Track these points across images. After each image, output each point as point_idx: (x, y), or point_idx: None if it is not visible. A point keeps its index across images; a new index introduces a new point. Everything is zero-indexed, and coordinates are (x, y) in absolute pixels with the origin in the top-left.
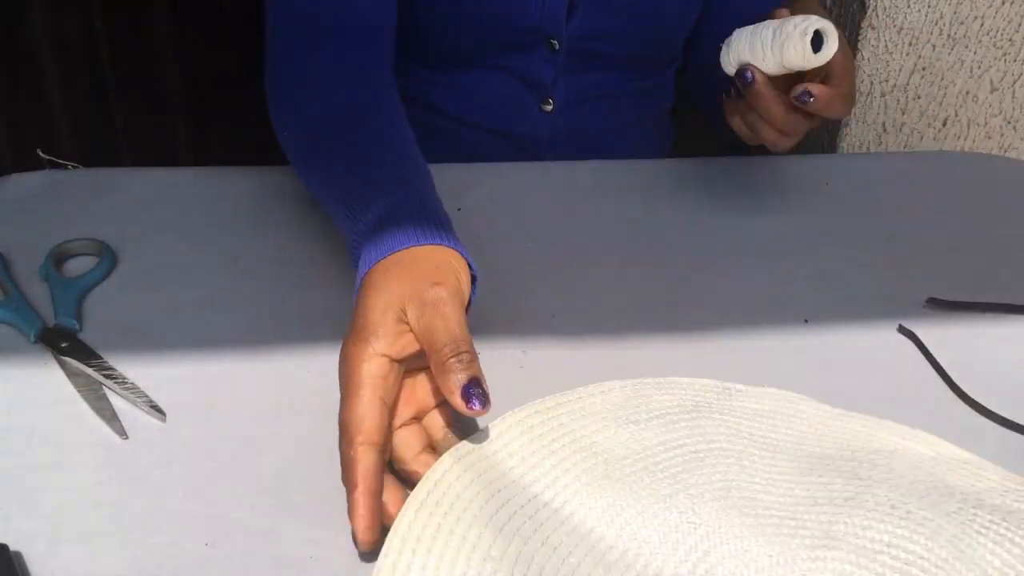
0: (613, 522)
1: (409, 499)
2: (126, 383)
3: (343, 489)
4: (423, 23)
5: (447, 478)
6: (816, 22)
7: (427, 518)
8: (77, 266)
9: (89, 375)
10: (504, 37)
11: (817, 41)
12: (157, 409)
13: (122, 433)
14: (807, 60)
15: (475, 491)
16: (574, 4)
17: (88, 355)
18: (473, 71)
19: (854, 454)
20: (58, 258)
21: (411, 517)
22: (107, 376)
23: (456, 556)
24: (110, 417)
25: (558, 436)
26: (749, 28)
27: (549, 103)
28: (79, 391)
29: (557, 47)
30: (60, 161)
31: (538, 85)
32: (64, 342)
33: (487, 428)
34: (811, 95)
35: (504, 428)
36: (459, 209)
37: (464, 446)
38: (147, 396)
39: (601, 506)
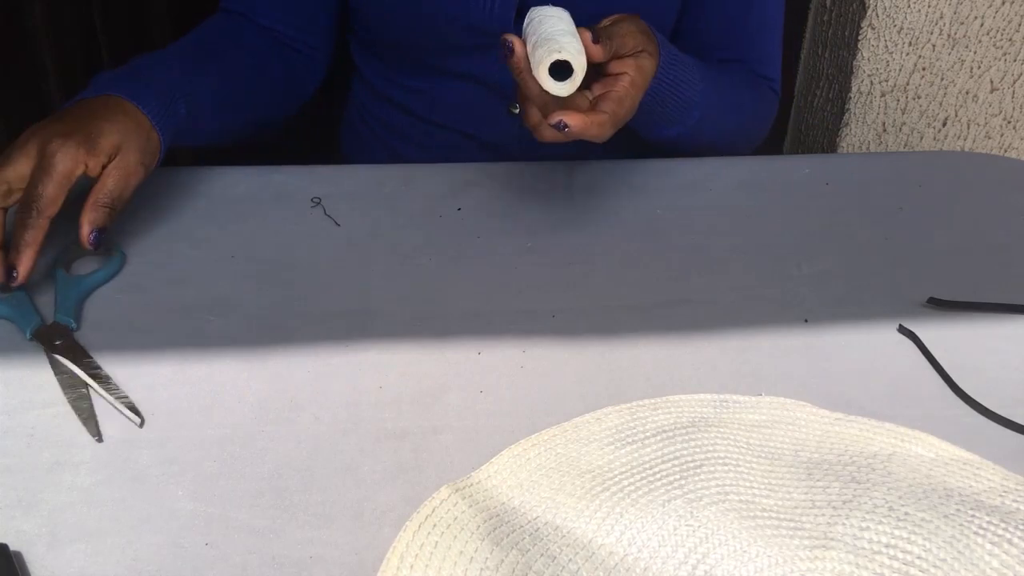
0: (612, 529)
1: (408, 522)
2: (110, 384)
3: (343, 489)
4: (382, 27)
5: (445, 505)
6: (559, 53)
7: (425, 537)
8: (89, 265)
9: (75, 374)
10: (458, 38)
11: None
12: (135, 411)
13: (97, 435)
14: (550, 88)
15: (473, 514)
16: (526, 8)
17: (79, 354)
18: (441, 76)
19: (852, 459)
20: (69, 257)
21: (409, 537)
22: (93, 376)
23: (454, 569)
24: (87, 418)
25: (556, 464)
26: (554, 16)
27: (516, 108)
28: (63, 390)
29: None
30: None
31: (501, 88)
32: (58, 340)
33: (485, 465)
34: (567, 126)
35: (501, 462)
36: (459, 209)
37: (462, 480)
38: (128, 398)
39: (600, 516)
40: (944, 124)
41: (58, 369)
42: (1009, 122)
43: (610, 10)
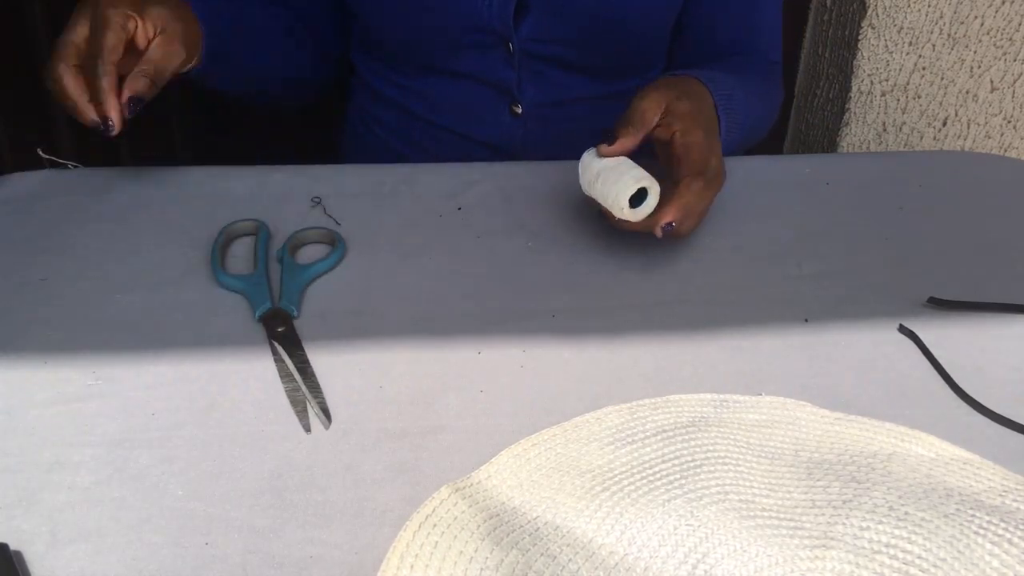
0: (612, 529)
1: (408, 521)
2: (312, 381)
3: (343, 489)
4: (381, 29)
5: (445, 504)
6: (632, 185)
7: (425, 537)
8: (313, 254)
9: (285, 364)
10: (459, 38)
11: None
12: (326, 413)
13: (307, 428)
14: (627, 215)
15: (473, 513)
16: (526, 7)
17: (294, 344)
18: (442, 76)
19: (852, 458)
20: (293, 244)
21: (409, 537)
22: (300, 370)
23: (454, 569)
24: (300, 410)
25: (556, 464)
26: (592, 161)
27: (518, 107)
28: (281, 378)
29: (512, 49)
30: (60, 161)
31: (503, 88)
32: (280, 327)
33: (485, 465)
34: (672, 224)
35: (501, 462)
36: (459, 209)
37: (462, 480)
38: (323, 398)
39: (600, 515)
40: (944, 124)
41: (277, 356)
42: (1009, 122)
43: (609, 9)
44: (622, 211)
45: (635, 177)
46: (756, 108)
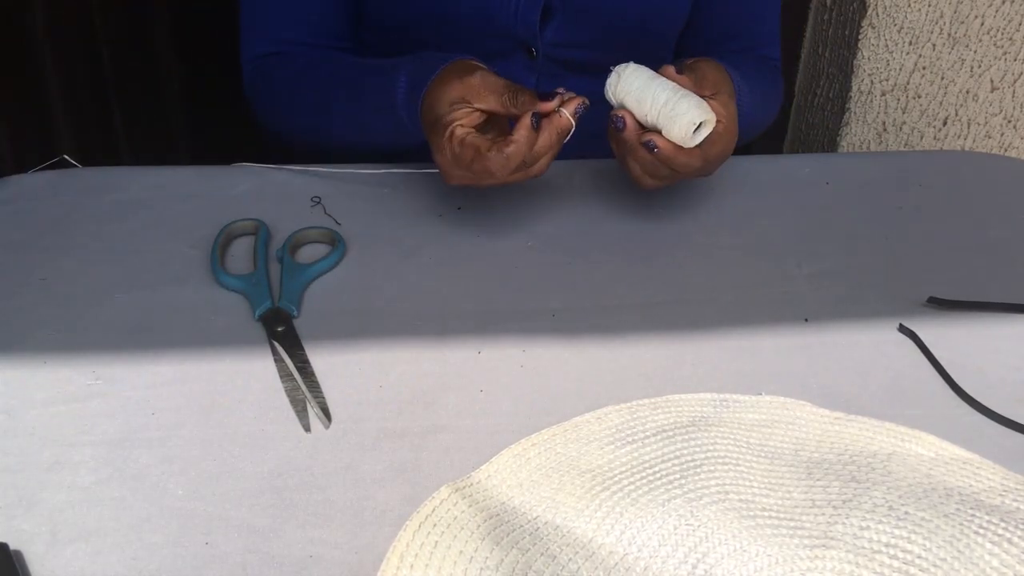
0: (612, 529)
1: (408, 521)
2: (312, 380)
3: (343, 489)
4: (404, 39)
5: (445, 504)
6: (704, 113)
7: (425, 536)
8: (312, 254)
9: (285, 363)
10: (481, 43)
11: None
12: (326, 413)
13: (307, 427)
14: (683, 142)
15: (473, 513)
16: (550, 11)
17: (294, 344)
18: None
19: (852, 458)
20: (293, 244)
21: (409, 537)
22: (300, 369)
23: (454, 569)
24: (300, 410)
25: (556, 464)
26: (646, 73)
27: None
28: (280, 378)
29: (535, 54)
30: (72, 162)
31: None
32: (280, 326)
33: (485, 464)
34: (656, 147)
35: (501, 462)
36: (459, 208)
37: (462, 480)
38: (323, 398)
39: (600, 515)
40: (944, 123)
41: (276, 356)
42: (1009, 121)
43: (630, 10)
44: (688, 129)
45: (707, 111)
46: (758, 111)
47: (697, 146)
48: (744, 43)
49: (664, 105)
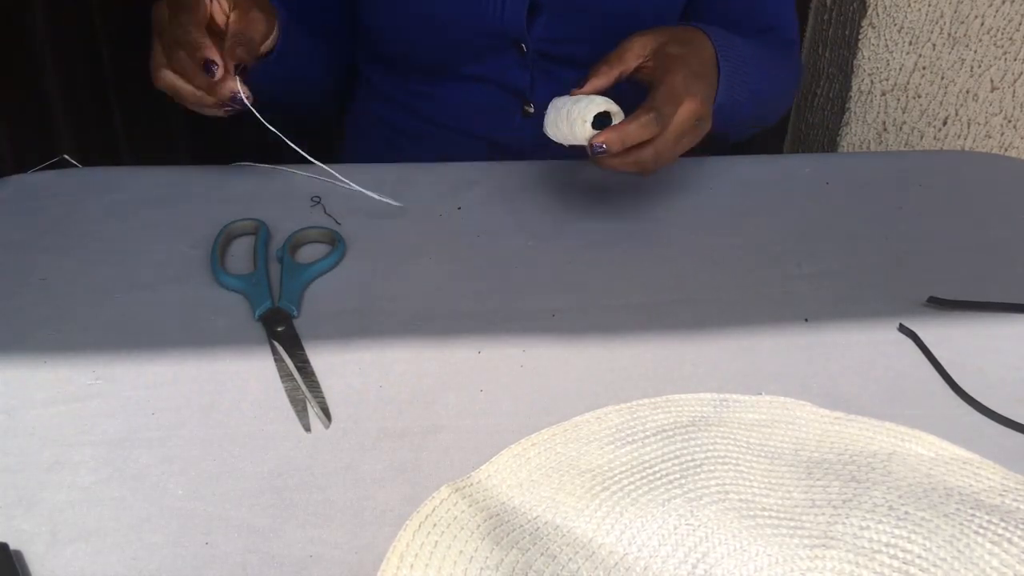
0: (612, 528)
1: (408, 521)
2: (312, 380)
3: (343, 489)
4: (394, 37)
5: (445, 504)
6: (596, 107)
7: (425, 536)
8: (312, 254)
9: (285, 363)
10: (471, 42)
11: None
12: (326, 413)
13: (307, 427)
14: (588, 137)
15: (473, 513)
16: (537, 7)
17: (294, 344)
18: (453, 81)
19: (852, 458)
20: (293, 244)
21: (409, 537)
22: (300, 369)
23: (454, 568)
24: (300, 410)
25: (556, 464)
26: (559, 101)
27: (530, 107)
28: (280, 378)
29: (526, 50)
30: (72, 161)
31: (516, 90)
32: (280, 326)
33: (485, 464)
34: (603, 147)
35: (501, 462)
36: (459, 208)
37: (462, 479)
38: (324, 398)
39: (600, 515)
40: (944, 123)
41: (276, 356)
42: (1009, 121)
43: (621, 3)
44: (585, 126)
45: (599, 101)
46: (769, 73)
47: (648, 111)
48: (756, 23)
49: (566, 119)
